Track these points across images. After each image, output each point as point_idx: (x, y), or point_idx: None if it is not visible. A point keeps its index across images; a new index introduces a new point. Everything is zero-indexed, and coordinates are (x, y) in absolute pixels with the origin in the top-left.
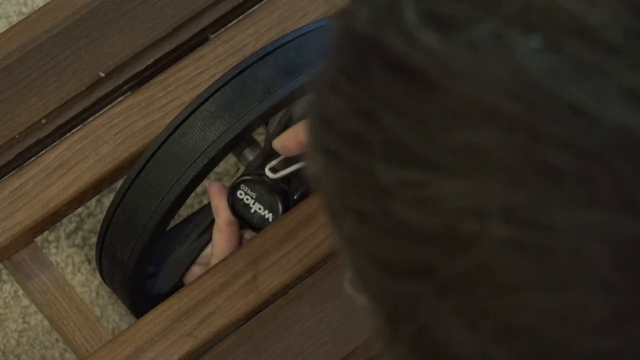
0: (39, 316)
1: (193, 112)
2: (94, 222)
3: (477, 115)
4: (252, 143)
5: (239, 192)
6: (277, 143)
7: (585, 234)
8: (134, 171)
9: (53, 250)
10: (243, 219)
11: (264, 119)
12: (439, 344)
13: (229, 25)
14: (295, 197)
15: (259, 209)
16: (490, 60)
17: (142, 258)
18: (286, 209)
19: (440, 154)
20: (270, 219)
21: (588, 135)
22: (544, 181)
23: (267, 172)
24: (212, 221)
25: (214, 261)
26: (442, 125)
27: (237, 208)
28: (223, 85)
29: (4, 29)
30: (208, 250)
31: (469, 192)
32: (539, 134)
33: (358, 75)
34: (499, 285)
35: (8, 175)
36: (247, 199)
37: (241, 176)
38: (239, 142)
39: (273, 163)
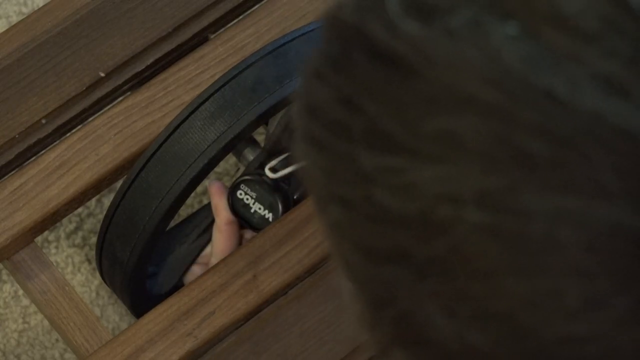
0: (39, 316)
1: (193, 112)
2: (94, 222)
3: (454, 102)
4: (252, 143)
5: (239, 192)
6: None
7: (559, 220)
8: (134, 171)
9: (53, 250)
10: (243, 219)
11: (264, 119)
12: (419, 328)
13: (229, 25)
14: (295, 197)
15: (259, 209)
16: (467, 47)
17: (142, 258)
18: (286, 208)
19: (419, 141)
20: (270, 219)
21: (562, 122)
22: (518, 167)
23: (267, 172)
24: (212, 221)
25: (213, 261)
26: (421, 112)
27: (237, 208)
28: (223, 85)
29: (4, 29)
30: (208, 250)
31: (445, 178)
32: (514, 121)
33: (342, 63)
34: (473, 270)
35: (8, 175)
36: (247, 199)
37: (241, 176)
38: (239, 142)
39: (273, 163)
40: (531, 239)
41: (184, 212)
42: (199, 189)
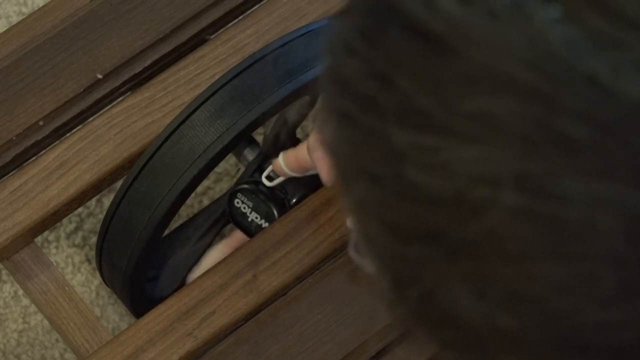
0: (39, 316)
1: (189, 116)
2: (94, 222)
3: (493, 82)
4: (252, 143)
5: (236, 200)
6: (278, 167)
7: (597, 205)
8: (128, 180)
9: (53, 250)
10: (241, 227)
11: (260, 123)
12: (444, 309)
13: (229, 25)
14: (292, 203)
15: (256, 218)
16: (509, 28)
17: (140, 266)
18: None
19: (455, 120)
20: None
21: (603, 108)
22: (558, 151)
23: (264, 180)
24: (213, 223)
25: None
26: (458, 91)
27: (235, 216)
28: (220, 89)
29: (3, 29)
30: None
31: (482, 159)
32: (555, 104)
33: (375, 37)
34: (507, 253)
35: (7, 176)
36: (244, 208)
37: (238, 183)
38: (232, 149)
39: (269, 170)
40: (569, 224)
41: (184, 212)
42: (199, 189)
